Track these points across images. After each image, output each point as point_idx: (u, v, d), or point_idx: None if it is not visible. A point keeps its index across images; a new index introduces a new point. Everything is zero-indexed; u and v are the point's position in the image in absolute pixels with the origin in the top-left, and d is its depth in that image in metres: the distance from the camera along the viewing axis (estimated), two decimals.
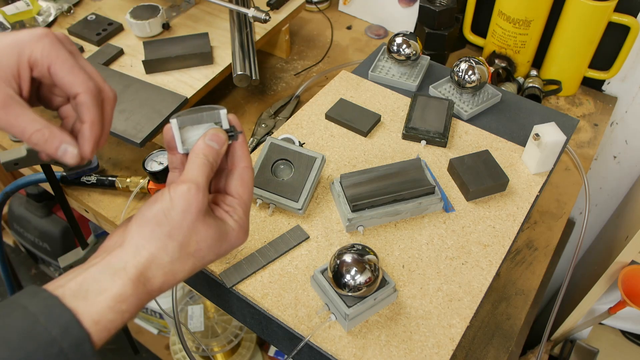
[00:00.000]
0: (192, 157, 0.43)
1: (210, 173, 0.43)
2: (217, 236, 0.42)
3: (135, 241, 0.40)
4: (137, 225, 0.40)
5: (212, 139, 0.44)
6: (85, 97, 0.44)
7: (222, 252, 0.44)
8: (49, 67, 0.44)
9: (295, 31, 1.18)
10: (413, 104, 0.75)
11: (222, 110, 0.45)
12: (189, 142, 0.46)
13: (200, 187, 0.41)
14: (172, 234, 0.40)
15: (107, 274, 0.38)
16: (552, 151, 0.67)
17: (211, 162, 0.43)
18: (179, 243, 0.40)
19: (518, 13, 0.95)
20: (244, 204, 0.46)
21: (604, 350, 1.20)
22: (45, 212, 1.57)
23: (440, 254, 0.60)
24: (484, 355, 0.67)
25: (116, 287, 0.37)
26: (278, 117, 0.95)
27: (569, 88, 1.04)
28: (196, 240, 0.41)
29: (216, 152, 0.44)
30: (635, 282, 0.93)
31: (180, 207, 0.40)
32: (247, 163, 0.46)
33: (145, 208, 0.41)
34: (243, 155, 0.46)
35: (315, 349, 0.54)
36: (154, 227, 0.40)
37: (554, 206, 0.86)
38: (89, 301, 0.37)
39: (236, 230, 0.44)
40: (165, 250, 0.40)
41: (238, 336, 1.42)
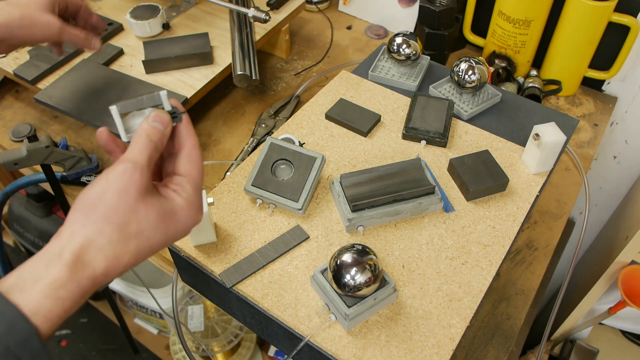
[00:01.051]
0: (135, 138, 0.42)
1: (154, 152, 0.42)
2: (161, 215, 0.41)
3: (70, 228, 0.38)
4: (72, 212, 0.39)
5: (155, 120, 0.43)
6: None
7: (172, 232, 0.42)
8: None
9: (295, 31, 1.18)
10: (413, 104, 0.75)
11: (162, 92, 0.44)
12: (133, 129, 0.45)
13: (138, 165, 0.40)
14: (108, 216, 0.39)
15: (43, 262, 0.37)
16: (552, 151, 0.67)
17: (155, 141, 0.42)
18: (116, 225, 0.39)
19: (518, 13, 0.95)
20: (193, 181, 0.44)
21: (604, 350, 1.20)
22: (45, 212, 1.57)
23: (440, 254, 0.60)
24: (484, 355, 0.67)
25: (51, 274, 0.36)
26: (278, 117, 0.95)
27: (569, 88, 1.04)
28: (136, 221, 0.39)
29: (160, 132, 0.43)
30: (635, 282, 0.93)
31: (116, 187, 0.39)
32: (194, 142, 0.45)
33: (81, 193, 0.40)
34: (189, 135, 0.45)
35: (315, 349, 0.54)
36: (88, 212, 0.39)
37: (554, 206, 0.86)
38: (25, 292, 0.35)
39: (185, 207, 0.43)
40: (102, 233, 0.38)
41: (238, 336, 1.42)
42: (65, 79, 0.87)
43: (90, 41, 0.77)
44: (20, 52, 0.94)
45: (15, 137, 0.91)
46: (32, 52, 0.93)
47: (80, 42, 0.76)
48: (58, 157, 0.79)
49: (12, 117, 0.96)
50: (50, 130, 0.94)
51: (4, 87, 1.02)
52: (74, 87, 0.86)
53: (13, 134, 0.91)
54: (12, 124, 0.94)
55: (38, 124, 0.94)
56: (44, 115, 0.96)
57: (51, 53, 0.91)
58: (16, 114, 0.96)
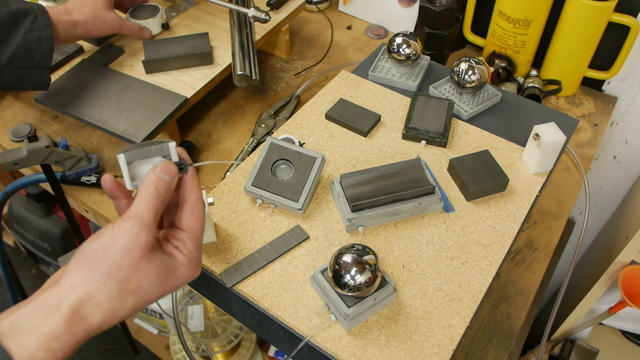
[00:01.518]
0: (142, 190, 0.42)
1: (160, 207, 0.42)
2: (162, 273, 0.41)
3: (70, 279, 0.38)
4: (75, 263, 0.39)
5: (162, 171, 0.43)
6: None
7: (169, 288, 0.43)
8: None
9: (295, 31, 1.18)
10: (413, 104, 0.75)
11: (170, 143, 0.45)
12: (139, 177, 0.45)
13: (145, 223, 0.40)
14: (111, 273, 0.39)
15: (40, 311, 0.37)
16: (552, 151, 0.67)
17: (162, 194, 0.43)
18: (117, 282, 0.39)
19: (518, 13, 0.95)
20: (195, 237, 0.45)
21: (604, 350, 1.20)
22: (45, 212, 1.57)
23: (440, 254, 0.60)
24: (484, 355, 0.67)
25: (48, 325, 0.36)
26: (278, 117, 0.95)
27: (569, 88, 1.04)
28: (137, 279, 0.40)
29: (167, 184, 0.43)
30: (635, 282, 0.93)
31: (121, 245, 0.39)
32: (198, 195, 0.46)
33: (85, 244, 0.40)
34: (193, 188, 0.46)
35: (315, 349, 0.54)
36: (90, 266, 0.39)
37: (554, 206, 0.86)
38: (18, 339, 0.35)
39: (185, 265, 0.43)
40: (102, 289, 0.38)
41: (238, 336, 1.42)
42: (65, 79, 0.87)
43: (142, 32, 0.91)
44: None
45: (15, 137, 0.91)
46: None
47: (135, 33, 0.90)
48: (58, 157, 0.79)
49: (12, 117, 0.96)
50: (50, 130, 0.94)
51: None
52: (74, 87, 0.86)
53: (13, 134, 0.91)
54: (12, 124, 0.94)
55: (38, 124, 0.94)
56: (44, 115, 0.96)
57: None
58: (16, 114, 0.96)
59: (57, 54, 0.91)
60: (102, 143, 0.91)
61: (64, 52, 0.92)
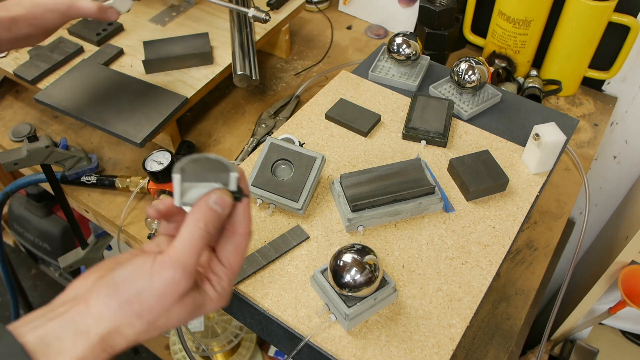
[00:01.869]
0: (190, 225, 0.40)
1: (204, 246, 0.40)
2: (191, 311, 0.41)
3: (100, 309, 0.38)
4: (106, 292, 0.39)
5: (217, 202, 0.40)
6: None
7: (194, 318, 0.43)
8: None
9: (295, 31, 1.18)
10: (413, 104, 0.75)
11: (233, 174, 0.41)
12: (189, 197, 0.41)
13: (186, 271, 0.39)
14: (142, 315, 0.39)
15: (69, 333, 0.37)
16: (552, 151, 0.67)
17: (210, 232, 0.40)
18: (147, 322, 0.39)
19: (518, 13, 0.95)
20: (232, 273, 0.43)
21: (604, 350, 1.20)
22: (45, 212, 1.57)
23: (440, 254, 0.60)
24: (484, 355, 0.67)
25: (77, 350, 0.37)
26: (278, 117, 0.95)
27: (569, 88, 1.04)
28: (167, 318, 0.40)
29: (218, 217, 0.41)
30: (635, 282, 0.93)
31: (157, 290, 0.38)
32: (246, 230, 0.43)
33: (120, 269, 0.39)
34: (244, 220, 0.43)
35: (315, 349, 0.54)
36: (122, 303, 0.38)
37: (554, 206, 0.86)
38: (48, 358, 0.36)
39: (215, 300, 0.43)
40: (132, 326, 0.39)
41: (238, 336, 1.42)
42: (65, 79, 0.87)
43: (105, 12, 0.70)
44: (20, 52, 0.94)
45: (15, 137, 0.91)
46: (32, 52, 0.93)
47: (94, 14, 0.69)
48: (58, 157, 0.79)
49: (12, 117, 0.96)
50: (50, 130, 0.94)
51: (4, 87, 1.02)
52: (74, 87, 0.86)
53: (13, 134, 0.91)
54: (12, 124, 0.94)
55: (38, 124, 0.94)
56: (44, 115, 0.96)
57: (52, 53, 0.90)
58: (16, 114, 0.96)
59: (57, 54, 0.91)
60: (102, 143, 0.91)
61: (64, 52, 0.92)
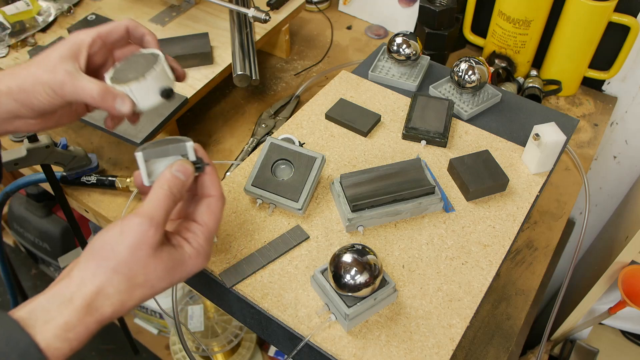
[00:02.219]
0: (155, 187, 0.43)
1: (171, 205, 0.43)
2: (169, 267, 0.43)
3: (81, 273, 0.40)
4: (85, 258, 0.41)
5: (178, 169, 0.44)
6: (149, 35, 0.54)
7: (177, 279, 0.44)
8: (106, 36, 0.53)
9: (295, 31, 1.18)
10: (413, 104, 0.75)
11: (188, 143, 0.45)
12: (156, 174, 0.46)
13: (154, 221, 0.41)
14: (118, 269, 0.40)
15: (55, 303, 0.39)
16: (552, 151, 0.67)
17: (174, 193, 0.44)
18: (125, 276, 0.40)
19: (518, 13, 0.95)
20: (208, 231, 0.46)
21: (604, 350, 1.20)
22: (45, 212, 1.57)
23: (440, 254, 0.60)
24: (484, 355, 0.67)
25: (62, 316, 0.38)
26: (278, 117, 0.95)
27: (569, 88, 1.04)
28: (144, 273, 0.41)
29: (182, 183, 0.44)
30: (635, 282, 0.93)
31: (129, 242, 0.40)
32: (217, 193, 0.46)
33: (95, 238, 0.42)
34: (213, 186, 0.46)
35: (315, 349, 0.54)
36: (99, 261, 0.40)
37: (554, 206, 0.86)
38: (36, 329, 0.37)
39: (193, 257, 0.44)
40: (111, 283, 0.40)
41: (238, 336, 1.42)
42: None
43: (113, 98, 0.49)
44: (20, 52, 0.94)
45: (15, 137, 0.91)
46: (32, 52, 0.93)
47: (96, 99, 0.49)
48: (58, 157, 0.79)
49: None
50: (50, 130, 0.94)
51: None
52: None
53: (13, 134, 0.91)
54: None
55: None
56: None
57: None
58: None
59: None
60: (102, 143, 0.91)
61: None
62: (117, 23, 0.53)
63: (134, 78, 0.49)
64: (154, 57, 0.51)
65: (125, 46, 0.55)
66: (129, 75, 0.49)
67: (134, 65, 0.51)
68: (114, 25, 0.53)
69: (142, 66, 0.50)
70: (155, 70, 0.49)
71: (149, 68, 0.49)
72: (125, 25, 0.53)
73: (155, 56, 0.51)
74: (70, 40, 0.51)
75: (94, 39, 0.51)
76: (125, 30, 0.53)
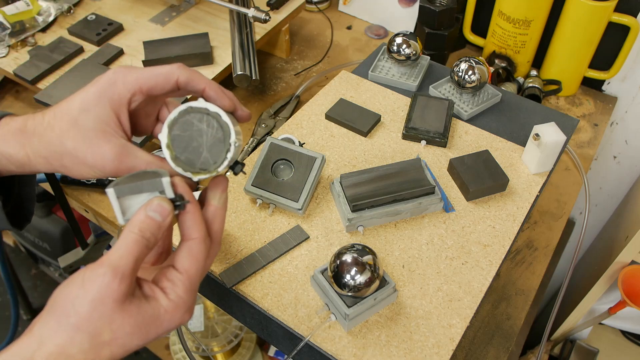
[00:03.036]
0: (125, 232, 0.38)
1: (143, 251, 0.38)
2: (140, 322, 0.38)
3: (41, 331, 0.36)
4: (46, 313, 0.37)
5: (155, 210, 0.39)
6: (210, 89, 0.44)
7: (152, 336, 0.39)
8: (149, 88, 0.43)
9: (295, 31, 1.18)
10: (413, 104, 0.75)
11: (164, 178, 0.39)
12: (131, 212, 0.40)
13: (118, 272, 0.36)
14: (80, 326, 0.36)
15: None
16: (552, 151, 0.67)
17: (147, 238, 0.38)
18: (88, 334, 0.36)
19: (518, 13, 0.95)
20: (188, 280, 0.40)
21: (604, 350, 1.20)
22: (45, 212, 1.57)
23: (440, 254, 0.60)
24: (484, 355, 0.67)
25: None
26: (278, 117, 0.95)
27: (569, 88, 1.04)
28: (111, 330, 0.36)
29: (157, 225, 0.39)
30: (635, 282, 0.93)
31: (91, 296, 0.36)
32: (200, 235, 0.40)
33: (58, 290, 0.38)
34: (194, 226, 0.40)
35: (315, 349, 0.54)
36: (59, 317, 0.36)
37: (554, 206, 0.86)
38: None
39: (170, 311, 0.39)
40: (72, 342, 0.36)
41: (238, 336, 1.42)
42: (65, 79, 0.87)
43: None
44: (20, 52, 0.94)
45: None
46: (32, 52, 0.93)
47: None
48: None
49: None
50: None
51: (4, 87, 1.02)
52: (74, 87, 0.86)
53: None
54: None
55: None
56: None
57: None
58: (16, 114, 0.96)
59: (57, 54, 0.92)
60: None
61: (64, 52, 0.92)
62: (166, 73, 0.43)
63: (204, 167, 0.42)
64: (218, 125, 0.42)
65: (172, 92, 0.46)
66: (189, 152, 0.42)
67: (194, 134, 0.42)
68: (161, 76, 0.43)
69: (206, 138, 0.42)
70: (227, 159, 0.42)
71: (220, 150, 0.42)
72: (175, 79, 0.43)
73: (221, 124, 0.42)
74: (106, 94, 0.42)
75: (133, 93, 0.43)
76: (174, 84, 0.44)
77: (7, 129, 0.45)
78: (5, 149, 0.44)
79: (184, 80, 0.44)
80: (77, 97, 0.43)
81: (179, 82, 0.44)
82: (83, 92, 0.43)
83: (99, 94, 0.42)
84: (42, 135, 0.43)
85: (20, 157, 0.44)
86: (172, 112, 0.42)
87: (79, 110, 0.42)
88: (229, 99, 0.45)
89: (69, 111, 0.42)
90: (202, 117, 0.42)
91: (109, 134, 0.42)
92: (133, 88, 0.43)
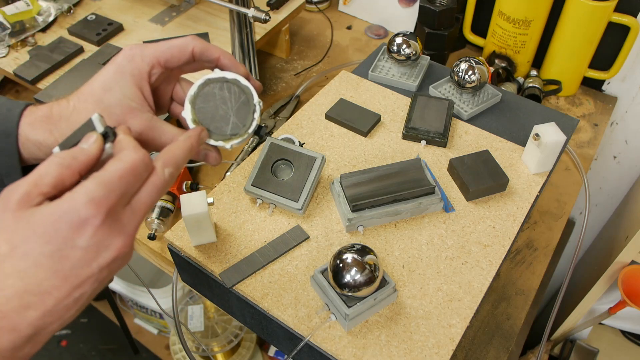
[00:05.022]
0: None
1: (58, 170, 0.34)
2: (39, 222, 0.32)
3: None
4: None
5: (82, 141, 0.37)
6: (225, 58, 0.45)
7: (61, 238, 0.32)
8: (166, 60, 0.44)
9: (295, 31, 1.18)
10: (413, 104, 0.75)
11: (93, 116, 0.38)
12: None
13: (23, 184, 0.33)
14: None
15: None
16: (552, 151, 0.67)
17: (67, 160, 0.35)
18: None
19: (518, 13, 0.95)
20: (101, 177, 0.34)
21: (604, 350, 1.20)
22: None
23: (440, 254, 0.60)
24: (484, 355, 0.67)
25: None
26: (278, 117, 0.95)
27: (569, 88, 1.04)
28: (5, 240, 0.32)
29: (79, 149, 0.36)
30: (635, 282, 0.93)
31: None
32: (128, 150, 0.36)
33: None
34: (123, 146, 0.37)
35: (315, 349, 0.54)
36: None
37: (554, 206, 0.86)
38: None
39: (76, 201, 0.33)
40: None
41: (238, 336, 1.42)
42: (65, 79, 0.88)
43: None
44: (20, 52, 0.94)
45: None
46: (32, 52, 0.93)
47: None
48: None
49: None
50: None
51: (4, 87, 1.02)
52: (74, 87, 0.86)
53: None
54: None
55: None
56: None
57: None
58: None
59: (57, 54, 0.92)
60: None
61: (64, 52, 0.92)
62: (180, 44, 0.44)
63: (234, 132, 0.42)
64: (239, 90, 0.43)
65: (190, 65, 0.46)
66: (217, 122, 0.42)
67: (217, 102, 0.43)
68: (177, 47, 0.44)
69: (230, 104, 0.43)
70: (255, 119, 0.42)
71: (246, 112, 0.42)
72: (190, 50, 0.44)
73: (242, 88, 0.43)
74: (126, 71, 0.42)
75: (152, 66, 0.43)
76: (190, 55, 0.44)
77: (33, 117, 0.45)
78: (34, 136, 0.44)
79: (199, 51, 0.44)
80: (98, 79, 0.43)
81: (194, 53, 0.44)
82: (103, 73, 0.43)
83: (119, 71, 0.43)
84: (69, 119, 0.43)
85: (49, 143, 0.44)
86: (191, 88, 0.43)
87: (102, 90, 0.42)
88: (244, 67, 0.46)
89: (92, 92, 0.43)
90: (222, 86, 0.43)
91: (135, 109, 0.42)
92: (151, 61, 0.43)
